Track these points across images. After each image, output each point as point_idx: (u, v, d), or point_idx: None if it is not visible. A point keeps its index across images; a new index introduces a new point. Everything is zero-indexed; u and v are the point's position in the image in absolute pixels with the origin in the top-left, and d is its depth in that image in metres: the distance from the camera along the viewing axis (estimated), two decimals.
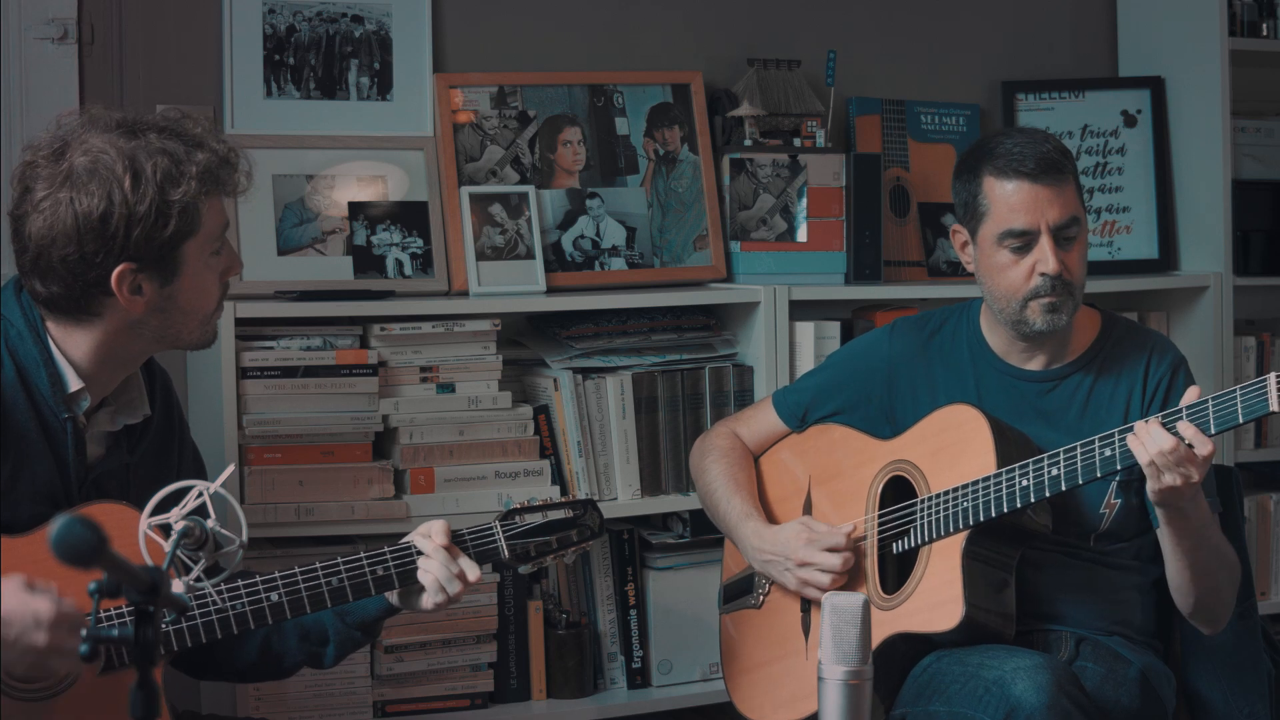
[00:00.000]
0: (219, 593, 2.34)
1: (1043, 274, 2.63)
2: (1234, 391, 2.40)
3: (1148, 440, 2.42)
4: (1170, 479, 2.42)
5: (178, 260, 2.33)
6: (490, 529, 2.53)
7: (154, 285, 2.33)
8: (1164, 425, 2.43)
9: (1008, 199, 2.65)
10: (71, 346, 2.36)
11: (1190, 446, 2.41)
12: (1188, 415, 2.43)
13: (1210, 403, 2.42)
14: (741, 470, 2.93)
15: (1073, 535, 2.67)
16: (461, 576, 2.45)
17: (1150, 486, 2.47)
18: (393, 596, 2.50)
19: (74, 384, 2.35)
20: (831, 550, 2.70)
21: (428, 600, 2.47)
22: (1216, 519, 2.61)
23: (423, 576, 2.45)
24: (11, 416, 2.31)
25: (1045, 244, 2.63)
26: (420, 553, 2.46)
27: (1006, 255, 2.66)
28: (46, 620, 2.09)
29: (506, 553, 2.54)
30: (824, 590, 2.69)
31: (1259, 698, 2.78)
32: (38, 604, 2.10)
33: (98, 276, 2.29)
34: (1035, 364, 2.75)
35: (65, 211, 2.26)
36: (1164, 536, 2.58)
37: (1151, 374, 2.72)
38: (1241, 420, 2.39)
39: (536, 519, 2.57)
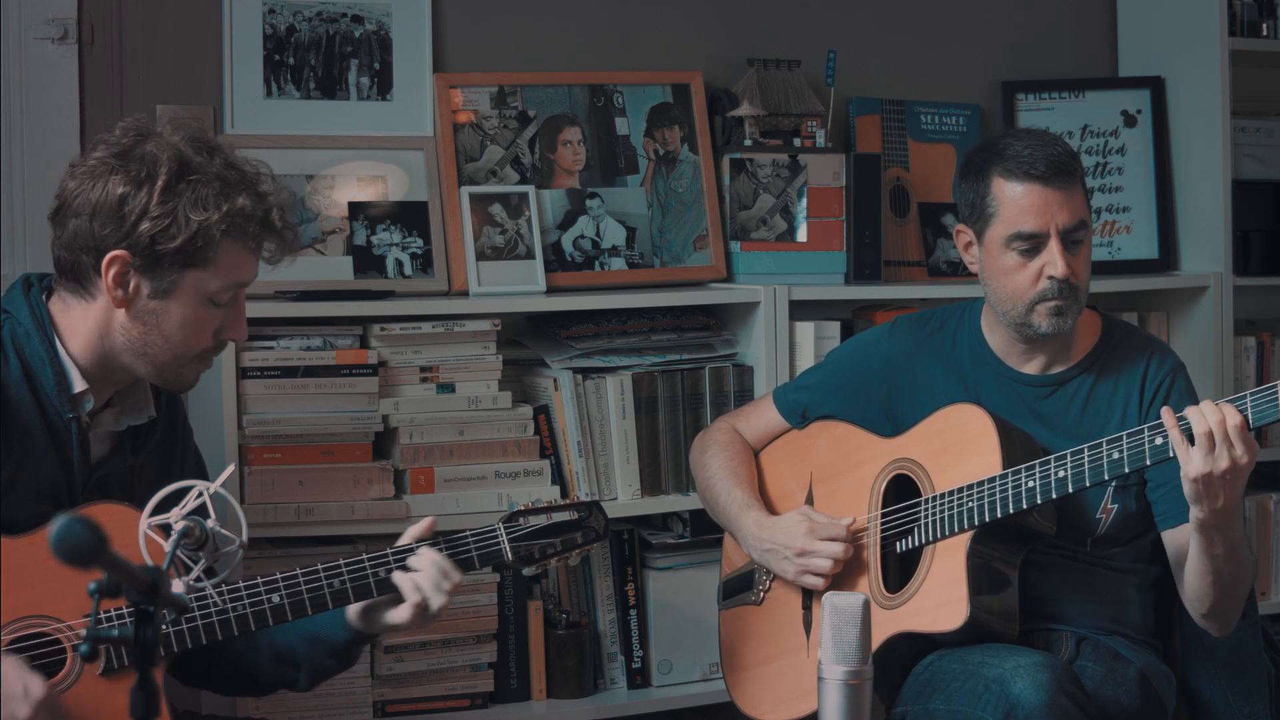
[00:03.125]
0: (219, 593, 2.34)
1: (1051, 277, 2.62)
2: (1244, 397, 2.40)
3: (1200, 415, 2.38)
4: (1224, 462, 2.36)
5: (176, 282, 2.34)
6: (494, 531, 2.52)
7: (143, 290, 2.33)
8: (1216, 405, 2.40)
9: (1017, 201, 2.63)
10: (72, 334, 2.36)
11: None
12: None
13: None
14: (742, 464, 2.93)
15: (1070, 539, 2.67)
16: (448, 575, 2.40)
17: (1191, 490, 2.40)
18: (357, 621, 2.44)
19: (79, 385, 2.35)
20: (831, 540, 2.69)
21: (401, 613, 2.40)
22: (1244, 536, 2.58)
23: (409, 578, 2.40)
24: (16, 414, 2.31)
25: (1054, 247, 2.62)
26: (412, 551, 2.43)
27: (1014, 258, 2.65)
28: (35, 696, 2.13)
29: (510, 555, 2.52)
30: (824, 577, 2.69)
31: (1259, 698, 2.78)
32: (31, 680, 2.14)
33: (95, 249, 2.32)
34: (1034, 366, 2.75)
35: (102, 182, 2.31)
36: (1195, 544, 2.52)
37: (1150, 379, 2.71)
38: (1251, 426, 2.39)
39: (540, 521, 2.56)
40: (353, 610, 2.44)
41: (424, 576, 2.41)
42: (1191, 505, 2.46)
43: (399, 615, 2.42)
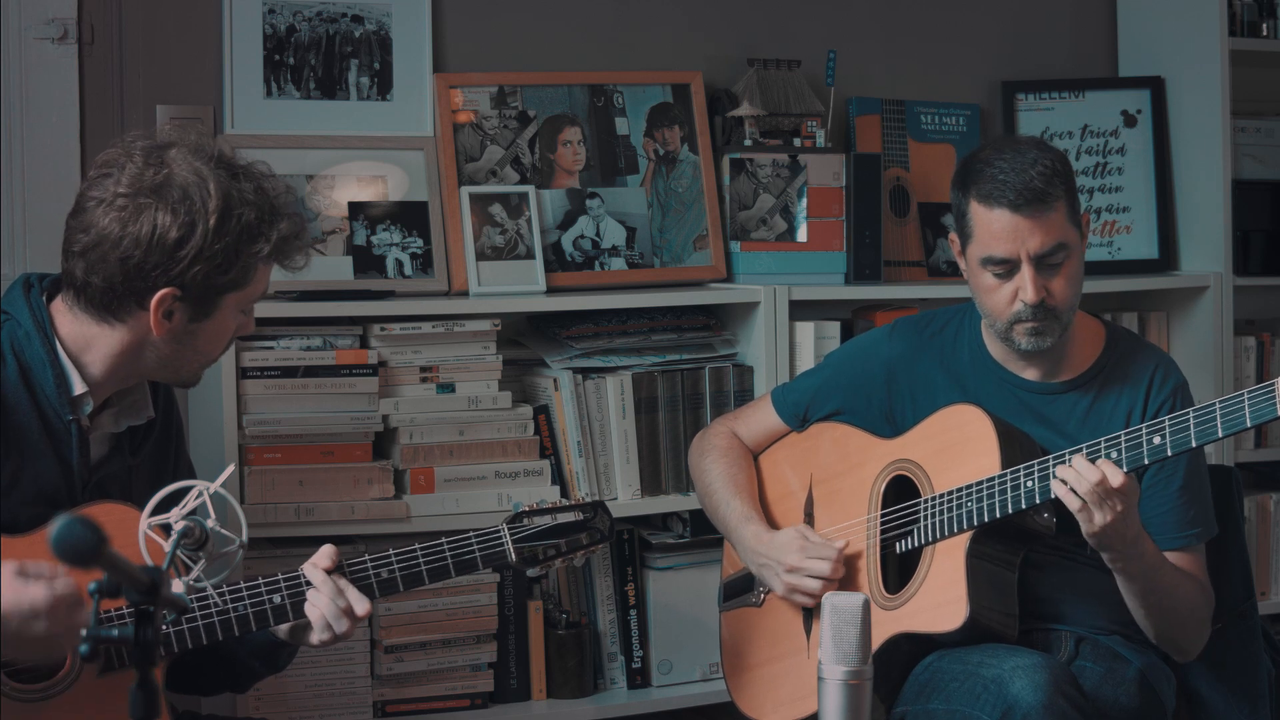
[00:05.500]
0: (219, 593, 2.34)
1: (1024, 302, 2.63)
2: (1241, 395, 2.40)
3: (1074, 476, 2.45)
4: (1100, 517, 2.44)
5: (215, 305, 2.35)
6: (497, 532, 2.52)
7: (184, 317, 2.34)
8: (1088, 458, 2.46)
9: (989, 226, 2.64)
10: (84, 348, 2.35)
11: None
12: (1195, 418, 2.42)
13: (1218, 406, 2.41)
14: (742, 471, 2.93)
15: (1070, 541, 2.67)
16: (349, 612, 2.37)
17: (1084, 530, 2.48)
18: (281, 631, 2.43)
19: (79, 387, 2.35)
20: (820, 559, 2.70)
21: (314, 637, 2.39)
22: (1169, 562, 2.61)
23: (309, 611, 2.37)
24: (13, 416, 2.31)
25: (1026, 273, 2.62)
26: (309, 584, 2.39)
27: (990, 278, 2.66)
28: (43, 608, 2.08)
29: (514, 556, 2.52)
30: (812, 596, 2.69)
31: (1259, 697, 2.78)
32: (33, 592, 2.08)
33: (142, 288, 2.30)
34: (1033, 374, 2.75)
35: (145, 219, 2.27)
36: (1116, 578, 2.59)
37: (1154, 396, 2.70)
38: (1249, 424, 2.39)
39: (545, 522, 2.55)
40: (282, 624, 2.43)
41: (326, 606, 2.38)
42: (1101, 553, 2.54)
43: (313, 639, 2.40)
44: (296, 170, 3.28)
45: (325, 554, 2.41)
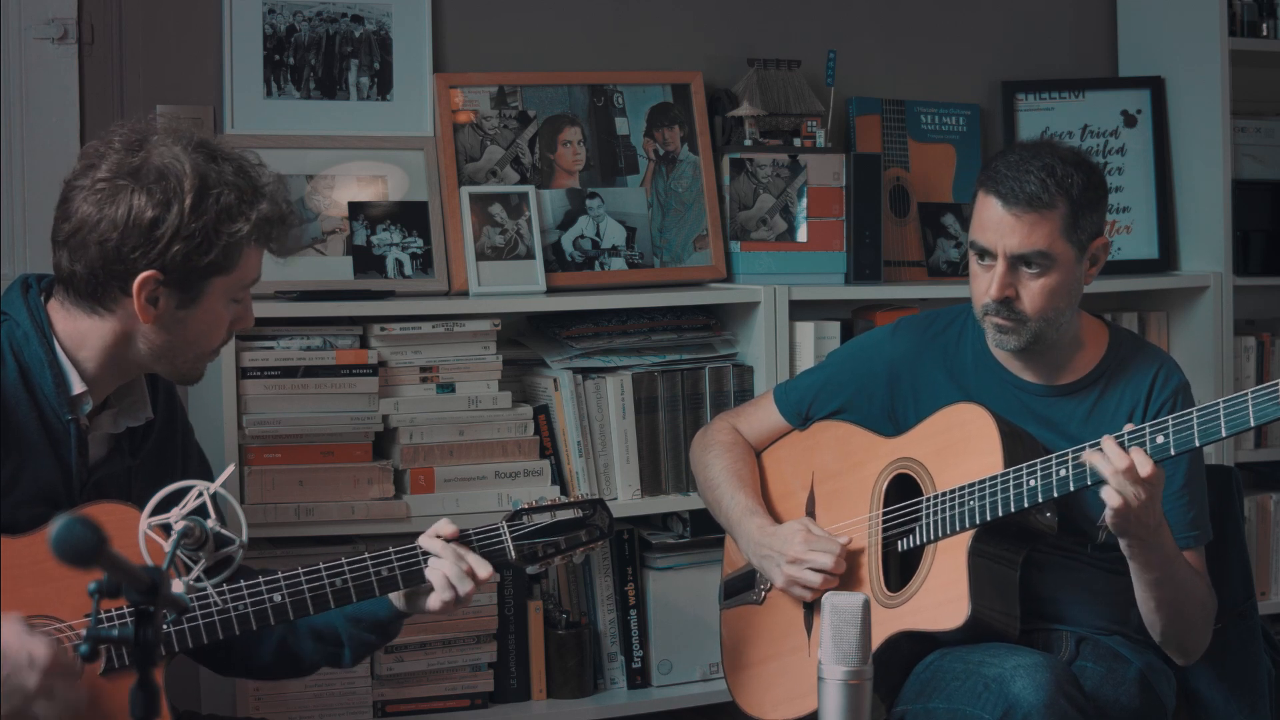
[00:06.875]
0: (219, 593, 2.34)
1: (989, 296, 2.65)
2: (1245, 395, 2.40)
3: (1102, 458, 2.45)
4: (1128, 505, 2.43)
5: (202, 290, 2.35)
6: (496, 529, 2.52)
7: (170, 303, 2.34)
8: (1119, 444, 2.46)
9: (980, 213, 2.67)
10: (79, 344, 2.36)
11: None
12: (1198, 417, 2.43)
13: (1221, 405, 2.41)
14: (745, 466, 2.93)
15: (1071, 541, 2.67)
16: (471, 574, 2.45)
17: (1109, 518, 2.47)
18: (398, 600, 2.50)
19: (78, 387, 2.35)
20: (823, 553, 2.70)
21: (434, 600, 2.46)
22: (1184, 556, 2.62)
23: (432, 575, 2.45)
24: (13, 417, 2.31)
25: (996, 268, 2.64)
26: (428, 554, 2.46)
27: (975, 263, 2.69)
28: (41, 663, 2.11)
29: (514, 554, 2.52)
30: (811, 590, 2.69)
31: (1259, 697, 2.78)
32: (34, 645, 2.12)
33: (124, 272, 2.30)
34: (1034, 376, 2.75)
35: (121, 201, 2.28)
36: (1131, 567, 2.59)
37: (1156, 396, 2.71)
38: (1253, 424, 2.39)
39: (545, 519, 2.55)
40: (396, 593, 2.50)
41: (449, 568, 2.45)
42: (1121, 539, 2.52)
43: (431, 603, 2.48)
44: (296, 170, 3.28)
45: (444, 525, 2.48)
